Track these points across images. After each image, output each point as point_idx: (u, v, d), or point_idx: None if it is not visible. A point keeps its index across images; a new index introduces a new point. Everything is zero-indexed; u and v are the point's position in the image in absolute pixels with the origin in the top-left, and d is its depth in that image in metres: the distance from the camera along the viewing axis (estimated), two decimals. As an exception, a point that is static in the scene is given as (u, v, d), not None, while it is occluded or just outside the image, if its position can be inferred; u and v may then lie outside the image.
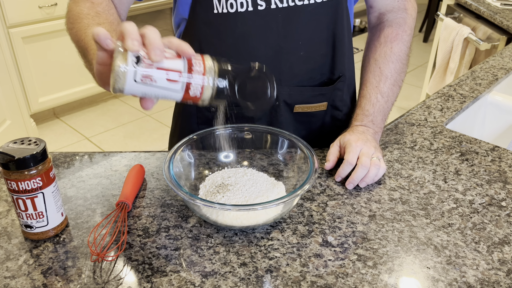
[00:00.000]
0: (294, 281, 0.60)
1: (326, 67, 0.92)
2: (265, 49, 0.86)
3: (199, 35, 0.87)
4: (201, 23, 0.86)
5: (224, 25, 0.84)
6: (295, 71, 0.89)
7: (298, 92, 0.91)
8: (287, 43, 0.86)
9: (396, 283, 0.60)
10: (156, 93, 0.57)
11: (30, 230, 0.66)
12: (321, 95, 0.93)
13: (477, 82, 1.22)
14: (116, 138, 2.77)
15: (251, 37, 0.85)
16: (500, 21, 1.85)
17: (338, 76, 0.93)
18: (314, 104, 0.93)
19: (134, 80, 0.55)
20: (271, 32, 0.85)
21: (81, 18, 0.76)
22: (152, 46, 0.53)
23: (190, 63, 0.56)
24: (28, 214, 0.65)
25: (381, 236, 0.69)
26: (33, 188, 0.63)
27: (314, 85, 0.92)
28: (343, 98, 0.97)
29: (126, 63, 0.54)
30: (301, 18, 0.85)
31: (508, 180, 0.82)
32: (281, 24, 0.84)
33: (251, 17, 0.83)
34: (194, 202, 0.65)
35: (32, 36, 2.52)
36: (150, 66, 0.54)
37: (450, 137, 0.95)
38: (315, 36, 0.88)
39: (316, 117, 0.96)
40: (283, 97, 0.91)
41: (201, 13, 0.85)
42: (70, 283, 0.60)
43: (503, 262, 0.64)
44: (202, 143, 0.81)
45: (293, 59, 0.88)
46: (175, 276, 0.61)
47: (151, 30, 0.55)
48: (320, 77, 0.92)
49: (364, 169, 0.78)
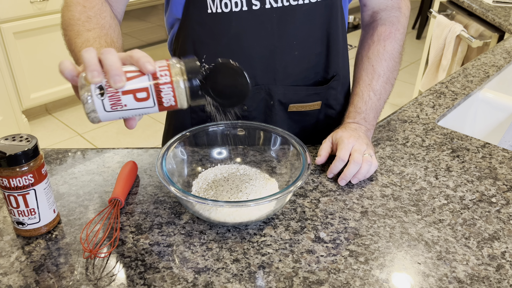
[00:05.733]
0: (286, 277, 0.61)
1: (320, 67, 0.92)
2: (259, 48, 0.86)
3: (193, 35, 0.87)
4: (195, 23, 0.85)
5: (218, 25, 0.84)
6: (290, 71, 0.90)
7: (292, 92, 0.91)
8: (282, 42, 0.86)
9: (388, 278, 0.61)
10: (132, 114, 0.56)
11: (22, 227, 0.66)
12: (316, 94, 0.93)
13: (469, 79, 1.23)
14: (109, 135, 2.75)
15: (245, 37, 0.85)
16: (492, 19, 1.86)
17: (333, 76, 0.94)
18: (308, 103, 0.94)
19: (105, 110, 0.54)
20: (266, 32, 0.85)
21: (72, 24, 0.76)
22: (111, 74, 0.53)
23: (155, 76, 0.55)
24: (19, 211, 0.65)
25: (372, 232, 0.69)
26: (24, 185, 0.63)
27: (309, 85, 0.93)
28: (337, 96, 0.97)
29: (91, 96, 0.53)
30: (296, 18, 0.85)
31: (498, 177, 0.83)
32: (275, 24, 0.84)
33: (246, 16, 0.83)
34: (187, 198, 0.65)
35: (24, 31, 2.49)
36: (115, 93, 0.54)
37: (442, 134, 0.96)
38: (310, 35, 0.88)
39: (310, 115, 0.96)
40: (277, 97, 0.91)
41: (194, 13, 0.84)
42: (63, 279, 0.60)
43: (493, 258, 0.65)
44: (195, 140, 0.81)
45: (287, 59, 0.88)
46: (168, 273, 0.61)
47: (107, 54, 0.54)
48: (315, 76, 0.93)
49: (356, 165, 0.78)
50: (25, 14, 2.47)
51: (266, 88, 0.90)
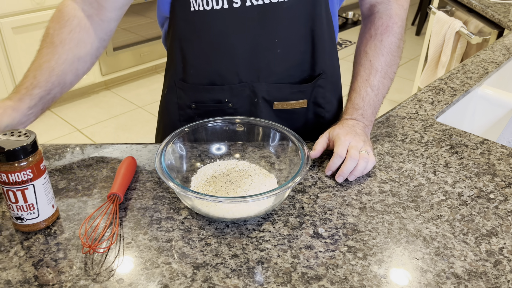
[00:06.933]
0: (285, 272, 0.61)
1: (306, 65, 0.91)
2: (242, 46, 0.86)
3: (179, 33, 0.87)
4: (180, 21, 0.86)
5: (202, 22, 0.84)
6: (273, 68, 0.89)
7: (276, 89, 0.91)
8: (264, 40, 0.86)
9: (386, 274, 0.61)
10: None
11: (21, 222, 0.66)
12: (300, 92, 0.93)
13: (468, 76, 1.23)
14: (107, 130, 2.75)
15: (228, 34, 0.85)
16: (491, 15, 1.86)
17: (319, 73, 0.93)
18: (293, 101, 0.93)
19: None
20: (248, 29, 0.85)
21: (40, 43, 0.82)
22: None
23: None
24: (18, 206, 0.65)
25: (371, 228, 0.69)
26: (23, 180, 0.63)
27: (295, 83, 0.92)
28: (326, 95, 0.96)
29: None
30: (277, 15, 0.84)
31: (496, 173, 0.83)
32: (257, 21, 0.84)
33: (227, 14, 0.83)
34: (185, 194, 0.65)
35: (22, 26, 2.49)
36: None
37: (441, 130, 0.96)
38: (292, 33, 0.87)
39: (298, 114, 0.96)
40: (261, 94, 0.91)
41: (179, 11, 0.85)
42: (62, 274, 0.60)
43: (491, 254, 0.65)
44: (194, 136, 0.81)
45: (270, 57, 0.88)
46: (167, 268, 0.61)
47: None
48: (301, 74, 0.92)
49: (353, 161, 0.78)
50: (23, 9, 2.46)
51: (250, 85, 0.90)
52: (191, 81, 0.91)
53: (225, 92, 0.91)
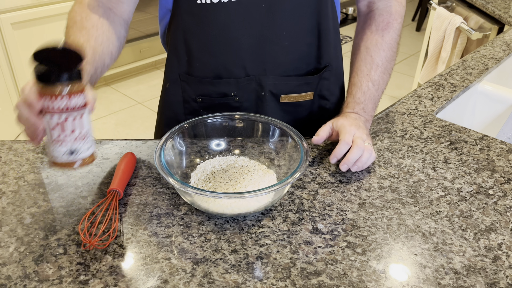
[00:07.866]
0: (284, 268, 0.61)
1: (311, 57, 0.92)
2: (248, 39, 0.86)
3: (183, 26, 0.87)
4: (185, 14, 0.85)
5: (207, 15, 0.84)
6: (280, 61, 0.89)
7: (283, 82, 0.91)
8: (271, 33, 0.86)
9: (385, 269, 0.62)
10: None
11: (75, 156, 0.60)
12: (307, 84, 0.93)
13: (468, 72, 1.23)
14: (107, 126, 2.75)
15: (234, 27, 0.85)
16: (492, 11, 1.85)
17: (325, 66, 0.93)
18: (300, 94, 0.93)
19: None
20: (254, 22, 0.85)
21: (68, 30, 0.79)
22: None
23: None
24: (76, 136, 0.59)
25: (370, 223, 0.69)
26: (82, 105, 0.57)
27: (300, 75, 0.93)
28: (330, 87, 0.97)
29: None
30: (284, 8, 0.84)
31: (495, 169, 0.83)
32: (264, 14, 0.84)
33: (234, 7, 0.83)
34: (185, 190, 0.65)
35: (22, 22, 2.48)
36: None
37: (440, 126, 0.96)
38: (299, 26, 0.87)
39: (303, 106, 0.96)
40: (268, 87, 0.91)
41: (184, 3, 0.84)
42: (61, 270, 0.60)
43: (489, 249, 0.65)
44: (194, 131, 0.81)
45: (277, 49, 0.88)
46: (166, 263, 0.62)
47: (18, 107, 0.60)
48: (306, 67, 0.92)
49: (359, 150, 0.78)
50: (23, 5, 2.45)
51: (257, 78, 0.90)
52: (196, 74, 0.91)
53: (231, 86, 0.91)
